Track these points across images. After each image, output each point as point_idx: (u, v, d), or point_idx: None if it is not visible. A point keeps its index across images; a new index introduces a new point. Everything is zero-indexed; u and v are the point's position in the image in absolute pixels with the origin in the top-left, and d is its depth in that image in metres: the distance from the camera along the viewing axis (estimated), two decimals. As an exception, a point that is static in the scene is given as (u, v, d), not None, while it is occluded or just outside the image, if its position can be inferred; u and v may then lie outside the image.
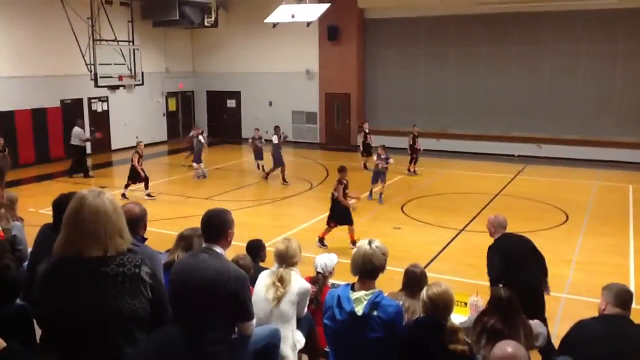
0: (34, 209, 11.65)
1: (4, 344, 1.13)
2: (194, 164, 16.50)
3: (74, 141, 16.79)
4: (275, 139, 16.01)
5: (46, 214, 10.72)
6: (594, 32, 18.78)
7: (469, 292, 5.62)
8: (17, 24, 17.61)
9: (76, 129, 16.92)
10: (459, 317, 4.65)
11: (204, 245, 3.57)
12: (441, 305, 3.94)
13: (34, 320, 2.92)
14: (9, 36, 17.43)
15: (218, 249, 3.50)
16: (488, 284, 5.75)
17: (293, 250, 4.48)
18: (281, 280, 4.33)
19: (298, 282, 4.44)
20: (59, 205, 3.85)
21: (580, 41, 18.95)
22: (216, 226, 3.53)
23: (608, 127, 18.78)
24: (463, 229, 11.20)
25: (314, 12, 17.99)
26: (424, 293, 4.07)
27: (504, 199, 13.86)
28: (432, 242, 10.46)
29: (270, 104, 23.38)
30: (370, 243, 3.78)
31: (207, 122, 25.17)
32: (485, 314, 4.48)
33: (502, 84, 20.12)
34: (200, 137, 16.57)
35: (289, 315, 4.33)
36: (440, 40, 20.72)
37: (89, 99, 20.26)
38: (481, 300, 4.90)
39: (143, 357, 2.47)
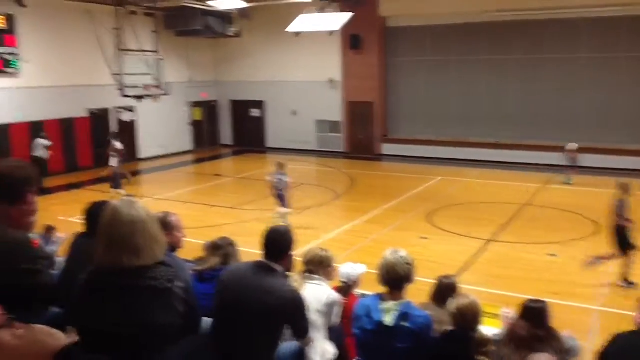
0: (64, 217, 11.82)
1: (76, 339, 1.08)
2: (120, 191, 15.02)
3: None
4: None
5: (76, 222, 10.89)
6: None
7: (497, 304, 5.54)
8: (45, 36, 17.98)
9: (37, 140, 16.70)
10: (490, 329, 4.57)
11: (263, 260, 3.56)
12: (469, 316, 3.91)
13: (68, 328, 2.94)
14: (38, 47, 17.79)
15: (278, 268, 3.49)
16: (517, 295, 5.66)
17: (316, 259, 4.48)
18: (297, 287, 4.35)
19: (325, 292, 4.41)
20: (93, 213, 3.88)
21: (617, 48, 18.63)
22: (276, 245, 3.53)
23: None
24: (490, 240, 11.07)
25: (337, 21, 18.05)
26: (451, 304, 4.04)
27: (531, 208, 13.67)
28: (458, 252, 10.34)
29: (294, 113, 23.44)
30: (394, 253, 3.76)
31: (233, 131, 25.37)
32: (516, 326, 4.41)
33: (531, 92, 19.86)
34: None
35: (318, 324, 4.29)
36: (464, 48, 20.57)
37: (116, 108, 20.56)
38: (512, 312, 4.81)
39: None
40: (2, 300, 1.17)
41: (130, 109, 20.83)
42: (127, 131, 21.08)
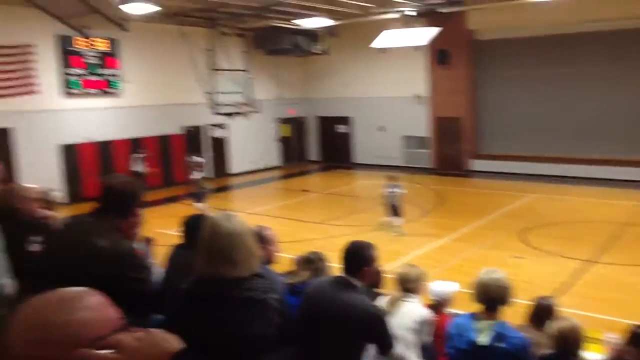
0: (162, 230, 12.35)
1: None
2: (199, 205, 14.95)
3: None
4: None
5: (173, 235, 11.35)
6: None
7: (599, 328, 5.25)
8: (145, 58, 19.05)
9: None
10: (593, 354, 4.33)
11: (342, 275, 3.58)
12: (571, 340, 3.74)
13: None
14: (138, 69, 18.88)
15: (357, 283, 3.50)
16: (620, 319, 5.33)
17: (408, 276, 4.42)
18: (391, 304, 4.29)
19: (417, 309, 4.35)
20: (190, 226, 4.05)
21: None
22: (354, 259, 3.54)
23: None
24: (590, 260, 10.50)
25: (423, 36, 17.90)
26: (552, 327, 3.88)
27: (636, 228, 12.83)
28: (554, 273, 9.87)
29: (381, 128, 23.41)
30: (490, 274, 3.66)
31: (320, 147, 25.67)
32: (623, 352, 4.15)
33: (627, 106, 18.78)
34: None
35: (409, 341, 4.23)
36: (558, 60, 19.79)
37: (209, 125, 21.36)
38: (617, 338, 4.53)
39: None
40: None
41: (221, 126, 21.60)
42: (219, 147, 21.87)
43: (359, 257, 3.53)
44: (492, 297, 3.64)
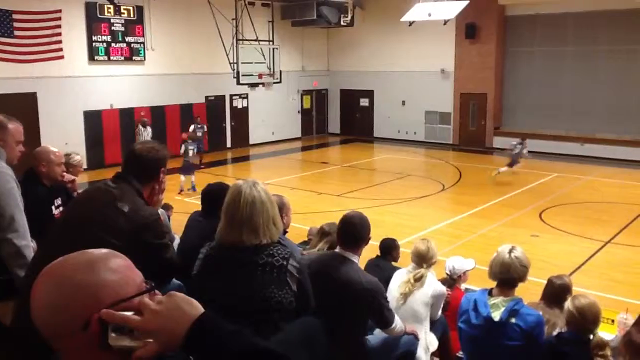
0: (180, 198, 12.53)
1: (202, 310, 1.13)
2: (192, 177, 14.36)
3: None
4: None
5: (190, 202, 11.53)
6: None
7: (615, 309, 5.23)
8: (169, 26, 19.02)
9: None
10: (605, 334, 4.33)
11: (338, 250, 3.55)
12: (589, 317, 3.70)
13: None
14: (165, 38, 18.90)
15: (354, 258, 3.47)
16: (637, 302, 5.32)
17: (433, 251, 4.44)
18: (418, 279, 4.30)
19: (433, 284, 4.39)
20: (208, 194, 4.08)
21: None
22: (358, 232, 3.48)
23: None
24: (609, 241, 10.42)
25: (452, 9, 17.62)
26: (569, 304, 3.85)
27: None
28: (573, 253, 9.82)
29: (403, 103, 23.22)
30: (510, 252, 3.61)
31: (341, 120, 25.54)
32: (633, 330, 4.15)
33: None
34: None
35: (422, 316, 4.28)
36: (589, 38, 19.37)
37: (231, 95, 21.36)
38: (631, 318, 4.52)
39: (286, 342, 2.56)
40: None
41: (243, 96, 21.57)
42: (240, 117, 21.91)
43: (357, 232, 3.47)
44: (509, 274, 3.61)
